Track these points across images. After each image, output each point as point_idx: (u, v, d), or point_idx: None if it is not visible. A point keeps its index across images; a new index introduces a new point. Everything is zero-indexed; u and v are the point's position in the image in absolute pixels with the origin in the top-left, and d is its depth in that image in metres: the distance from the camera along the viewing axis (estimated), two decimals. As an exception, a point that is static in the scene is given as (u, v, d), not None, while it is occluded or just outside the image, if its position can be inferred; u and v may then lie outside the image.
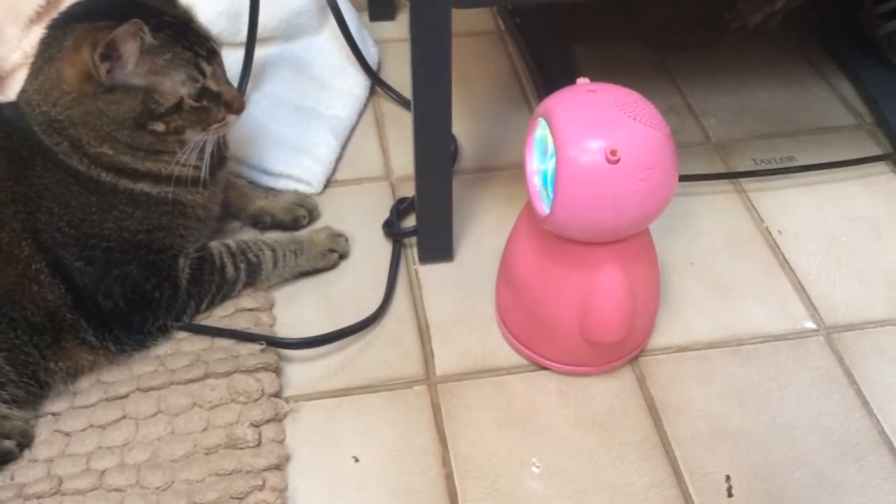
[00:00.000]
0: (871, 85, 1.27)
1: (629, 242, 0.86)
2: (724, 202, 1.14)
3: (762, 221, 1.11)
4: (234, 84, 1.02)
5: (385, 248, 1.07)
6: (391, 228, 1.09)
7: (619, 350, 0.93)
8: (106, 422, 0.88)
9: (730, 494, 0.85)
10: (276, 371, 0.93)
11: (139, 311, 0.93)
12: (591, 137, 0.80)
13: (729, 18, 1.35)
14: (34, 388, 0.88)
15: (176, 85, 0.88)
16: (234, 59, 1.14)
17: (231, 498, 0.82)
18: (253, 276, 0.99)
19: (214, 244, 0.99)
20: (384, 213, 1.11)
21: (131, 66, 0.86)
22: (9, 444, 0.85)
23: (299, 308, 1.01)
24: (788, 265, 1.06)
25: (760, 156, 1.19)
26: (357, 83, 1.26)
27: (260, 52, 1.20)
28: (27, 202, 0.88)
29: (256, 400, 0.89)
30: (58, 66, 0.87)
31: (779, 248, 1.08)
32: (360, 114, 1.26)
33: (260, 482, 0.83)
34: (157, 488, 0.83)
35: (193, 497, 0.82)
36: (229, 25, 1.18)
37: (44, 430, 0.88)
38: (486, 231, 1.09)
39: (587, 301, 0.87)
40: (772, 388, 0.93)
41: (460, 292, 1.03)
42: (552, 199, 0.82)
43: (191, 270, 0.95)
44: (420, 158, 0.97)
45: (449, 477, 0.86)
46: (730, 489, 0.85)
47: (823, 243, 1.09)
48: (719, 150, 1.21)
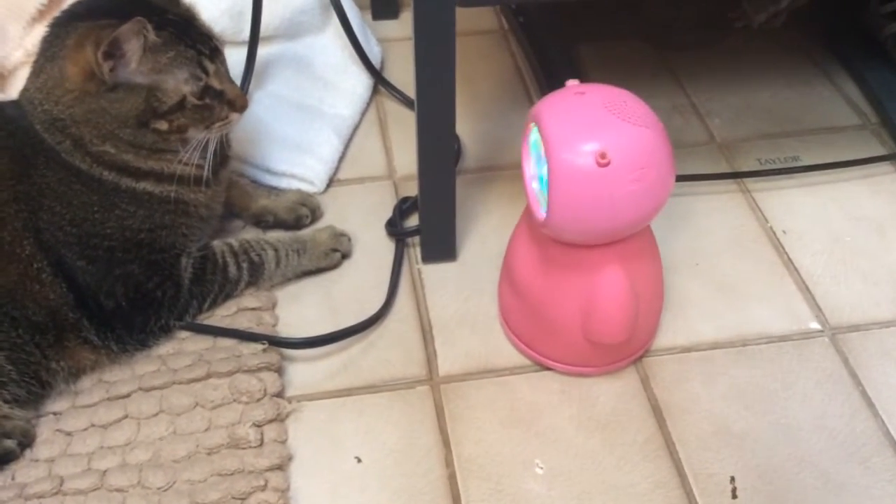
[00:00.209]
0: (876, 85, 1.27)
1: (630, 242, 0.86)
2: (729, 202, 1.13)
3: (766, 221, 1.11)
4: (237, 83, 1.02)
5: (388, 247, 1.07)
6: (394, 228, 1.08)
7: (623, 350, 0.93)
8: (108, 421, 0.88)
9: (734, 496, 0.84)
10: (279, 371, 0.92)
11: (141, 311, 0.92)
12: (580, 141, 0.79)
13: (733, 18, 1.35)
14: (35, 388, 0.88)
15: (179, 83, 0.88)
16: (236, 57, 1.14)
17: (233, 498, 0.81)
18: (255, 275, 0.99)
19: (217, 243, 0.99)
20: (387, 213, 1.10)
21: (134, 65, 0.86)
22: (10, 443, 0.84)
23: (302, 308, 1.00)
24: (793, 265, 1.06)
25: (765, 156, 1.19)
26: (360, 82, 1.26)
27: (263, 51, 1.20)
28: (29, 201, 0.88)
29: (259, 400, 0.89)
30: (60, 65, 0.87)
31: (783, 248, 1.08)
32: (363, 113, 1.26)
33: (262, 482, 0.82)
34: (159, 488, 0.83)
35: (195, 497, 0.82)
36: (232, 24, 1.18)
37: (45, 430, 0.88)
38: (489, 231, 1.09)
39: (590, 302, 0.87)
40: (776, 388, 0.93)
41: (463, 292, 1.03)
42: (547, 204, 0.81)
43: (193, 270, 0.95)
44: (423, 158, 0.97)
45: (452, 478, 0.86)
46: (734, 490, 0.85)
47: (828, 243, 1.08)
48: (723, 149, 1.21)
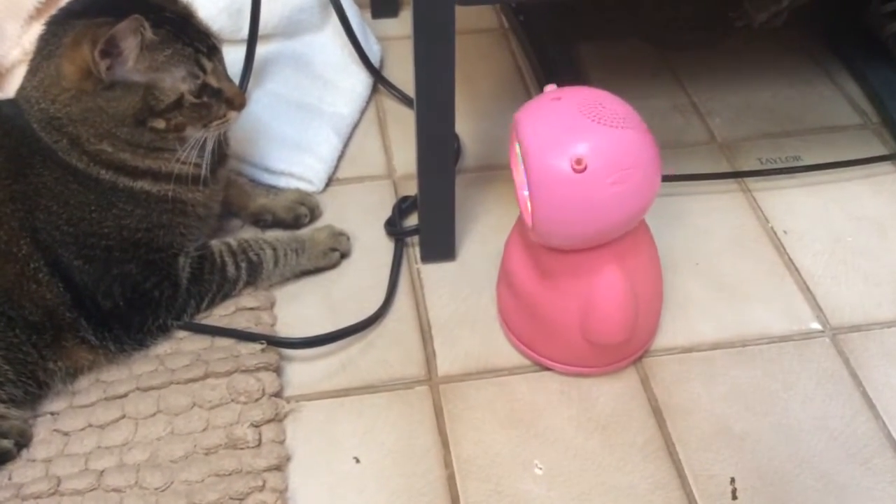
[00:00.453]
0: (877, 84, 1.27)
1: (627, 241, 0.85)
2: (729, 202, 1.13)
3: (767, 221, 1.11)
4: (236, 81, 1.01)
5: (387, 247, 1.07)
6: (393, 227, 1.08)
7: (623, 351, 0.92)
8: (105, 421, 0.87)
9: (734, 497, 0.84)
10: (277, 371, 0.92)
11: (139, 311, 0.92)
12: (556, 148, 0.79)
13: (734, 17, 1.34)
14: (33, 388, 0.88)
15: (176, 81, 0.88)
16: (235, 56, 1.13)
17: (231, 499, 0.81)
18: (254, 274, 0.99)
19: (215, 243, 0.99)
20: (386, 212, 1.10)
21: (131, 63, 0.86)
22: (7, 443, 0.84)
23: (300, 307, 1.00)
24: (794, 265, 1.05)
25: (766, 155, 1.19)
26: (359, 81, 1.26)
27: (261, 49, 1.19)
28: (26, 200, 0.88)
29: (257, 400, 0.88)
30: (57, 63, 0.87)
31: (784, 249, 1.07)
32: (363, 112, 1.25)
33: (260, 483, 0.82)
34: (157, 489, 0.82)
35: (193, 498, 0.81)
36: (231, 22, 1.17)
37: (42, 430, 0.87)
38: (488, 230, 1.09)
39: (588, 303, 0.86)
40: (777, 389, 0.93)
41: (462, 292, 1.02)
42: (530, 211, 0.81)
43: (191, 269, 0.95)
44: (423, 157, 0.97)
45: (451, 478, 0.86)
46: (734, 491, 0.85)
47: (829, 243, 1.08)
48: (724, 149, 1.20)
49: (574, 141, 0.78)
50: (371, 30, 1.34)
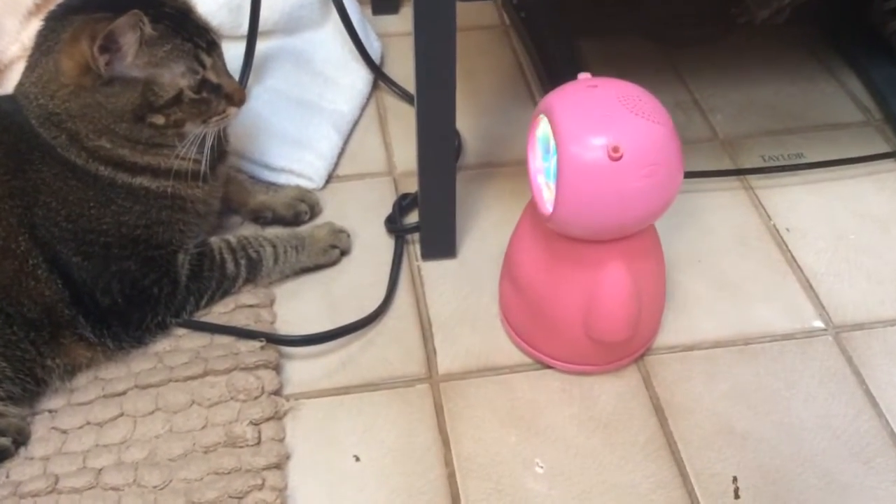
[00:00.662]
0: (880, 81, 1.26)
1: (635, 239, 0.85)
2: (732, 199, 1.13)
3: (770, 219, 1.10)
4: (236, 78, 1.01)
5: (387, 244, 1.06)
6: (393, 224, 1.08)
7: (625, 349, 0.92)
8: (103, 419, 0.87)
9: (737, 496, 0.84)
10: (277, 368, 0.92)
11: (138, 308, 0.92)
12: (593, 134, 0.78)
13: (736, 14, 1.34)
14: (31, 385, 0.87)
15: (175, 77, 0.87)
16: (235, 52, 1.13)
17: (230, 497, 0.81)
18: (253, 272, 0.98)
19: (214, 240, 0.98)
20: (386, 209, 1.09)
21: (130, 58, 0.85)
22: (4, 441, 0.84)
23: (300, 305, 1.00)
24: (796, 263, 1.05)
25: (768, 152, 1.18)
26: (359, 77, 1.25)
27: (261, 46, 1.19)
28: (24, 196, 0.87)
29: (256, 398, 0.88)
30: (56, 59, 0.87)
31: (787, 246, 1.07)
32: (363, 108, 1.25)
33: (259, 481, 0.82)
34: (155, 487, 0.82)
35: (192, 496, 0.81)
36: (230, 18, 1.17)
37: (40, 428, 0.87)
38: (489, 227, 1.08)
39: (592, 299, 0.86)
40: (779, 388, 0.92)
41: (463, 289, 1.02)
42: (555, 197, 0.80)
43: (190, 266, 0.94)
44: (423, 154, 0.96)
45: (451, 477, 0.85)
46: (737, 490, 0.84)
47: (832, 241, 1.07)
48: (726, 146, 1.20)
49: (612, 128, 0.78)
50: (371, 26, 1.33)
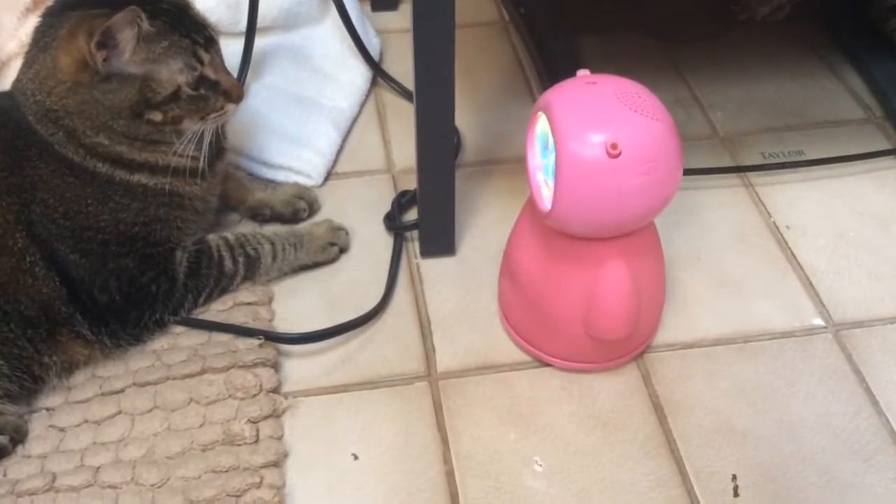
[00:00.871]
0: (881, 78, 1.26)
1: (634, 237, 0.85)
2: (732, 196, 1.12)
3: (770, 216, 1.10)
4: (234, 75, 1.01)
5: (386, 241, 1.06)
6: (392, 222, 1.07)
7: (624, 346, 0.92)
8: (101, 417, 0.87)
9: (736, 494, 0.84)
10: (275, 366, 0.91)
11: (135, 305, 0.91)
12: (591, 131, 0.78)
13: (736, 10, 1.34)
14: (28, 383, 0.87)
15: (173, 73, 0.87)
16: (233, 48, 1.13)
17: (228, 495, 0.81)
18: (251, 269, 0.98)
19: (212, 237, 0.98)
20: (385, 207, 1.09)
21: (128, 55, 0.85)
22: (2, 439, 0.84)
23: (298, 302, 0.99)
24: (796, 260, 1.05)
25: (768, 149, 1.18)
26: (358, 74, 1.25)
27: (260, 42, 1.19)
28: (21, 193, 0.87)
29: (254, 396, 0.88)
30: (53, 55, 0.86)
31: (787, 244, 1.07)
32: (362, 105, 1.25)
33: (257, 479, 0.82)
34: (153, 485, 0.82)
35: (189, 494, 0.81)
36: (229, 14, 1.16)
37: (38, 426, 0.87)
38: (488, 225, 1.08)
39: (591, 297, 0.86)
40: (779, 385, 0.92)
41: (462, 287, 1.02)
42: (553, 194, 0.80)
43: (188, 264, 0.94)
44: (422, 151, 0.96)
45: (450, 475, 0.85)
46: (736, 488, 0.84)
47: (832, 238, 1.07)
48: (726, 143, 1.19)
49: (611, 125, 0.78)
50: (370, 23, 1.33)
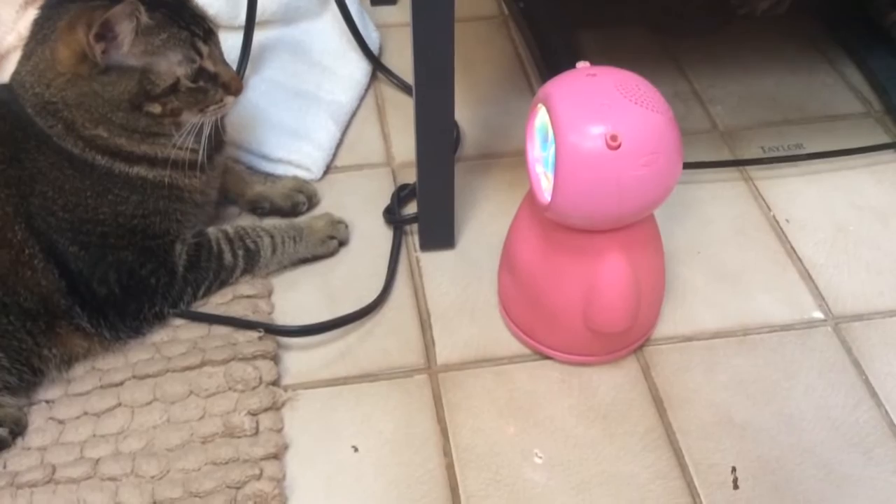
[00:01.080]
0: (880, 72, 1.26)
1: (634, 229, 0.85)
2: (731, 190, 1.12)
3: (769, 210, 1.10)
4: (233, 68, 1.00)
5: (386, 235, 1.06)
6: (392, 215, 1.07)
7: (624, 339, 0.92)
8: (100, 409, 0.87)
9: (735, 486, 0.84)
10: (275, 359, 0.91)
11: (135, 298, 0.91)
12: (591, 123, 0.78)
13: (736, 5, 1.34)
14: (27, 375, 0.87)
15: (172, 65, 0.87)
16: (232, 42, 1.13)
17: (228, 487, 0.81)
18: (251, 262, 0.98)
19: (212, 230, 0.98)
20: (385, 200, 1.09)
21: (127, 47, 0.85)
22: (1, 431, 0.84)
23: (298, 295, 0.99)
24: (796, 254, 1.05)
25: (768, 143, 1.18)
26: (358, 68, 1.25)
27: (259, 36, 1.19)
28: (20, 186, 0.87)
29: (254, 388, 0.88)
30: (52, 47, 0.86)
31: (786, 237, 1.07)
32: (361, 99, 1.24)
33: (257, 471, 0.82)
34: (153, 477, 0.82)
35: (189, 486, 0.81)
36: (228, 8, 1.16)
37: (37, 418, 0.87)
38: (488, 218, 1.08)
39: (591, 290, 0.86)
40: (779, 378, 0.92)
41: (462, 280, 1.02)
42: (553, 187, 0.80)
43: (188, 256, 0.94)
44: (422, 144, 0.96)
45: (449, 467, 0.85)
46: (735, 481, 0.84)
47: (831, 232, 1.07)
48: (726, 137, 1.19)
49: (611, 117, 0.78)
50: (370, 17, 1.33)
